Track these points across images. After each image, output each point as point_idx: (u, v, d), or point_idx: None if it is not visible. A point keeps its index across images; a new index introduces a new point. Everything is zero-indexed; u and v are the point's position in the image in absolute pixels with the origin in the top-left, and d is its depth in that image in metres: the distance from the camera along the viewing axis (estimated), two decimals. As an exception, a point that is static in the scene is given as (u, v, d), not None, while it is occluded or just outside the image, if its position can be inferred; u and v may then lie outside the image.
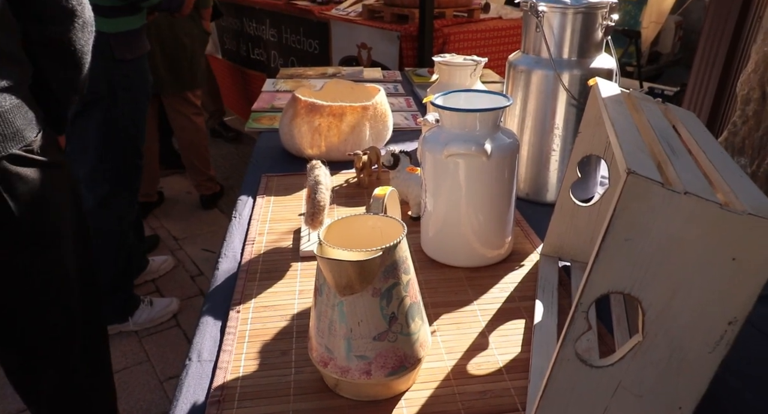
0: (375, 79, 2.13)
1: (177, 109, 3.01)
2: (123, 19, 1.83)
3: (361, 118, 1.35)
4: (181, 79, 2.88)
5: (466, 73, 1.33)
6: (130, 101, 1.91)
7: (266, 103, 1.84)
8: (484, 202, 0.90)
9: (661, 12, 3.51)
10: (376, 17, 2.87)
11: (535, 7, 1.03)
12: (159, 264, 2.69)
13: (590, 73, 1.04)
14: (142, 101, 1.97)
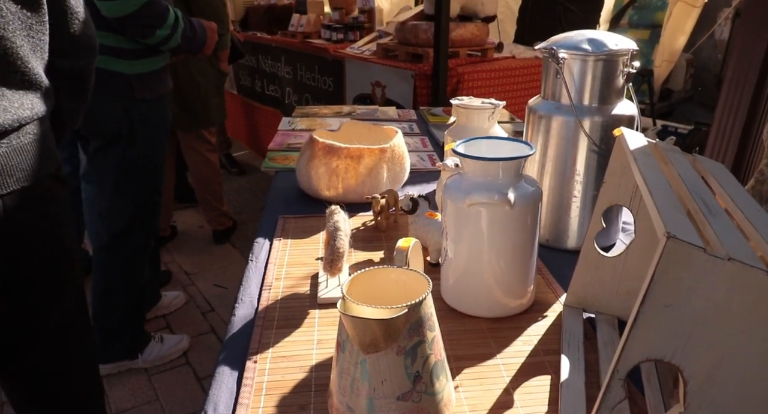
0: (390, 119, 2.14)
1: (191, 146, 3.04)
2: (144, 60, 1.85)
3: (379, 160, 1.35)
4: (194, 117, 2.91)
5: (484, 116, 1.33)
6: (149, 139, 1.92)
7: (282, 142, 1.85)
8: (507, 250, 0.88)
9: (673, 51, 3.53)
10: (390, 56, 2.91)
11: (555, 53, 1.03)
12: (171, 299, 2.67)
13: (611, 119, 1.03)
14: (162, 139, 1.99)
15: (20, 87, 1.01)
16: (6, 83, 0.99)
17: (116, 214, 1.99)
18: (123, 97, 1.83)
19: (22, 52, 1.00)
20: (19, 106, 1.00)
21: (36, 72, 1.04)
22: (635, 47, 1.03)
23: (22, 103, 1.01)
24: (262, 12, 4.14)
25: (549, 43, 1.07)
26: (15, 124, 1.00)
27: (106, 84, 1.78)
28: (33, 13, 1.02)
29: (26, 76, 1.02)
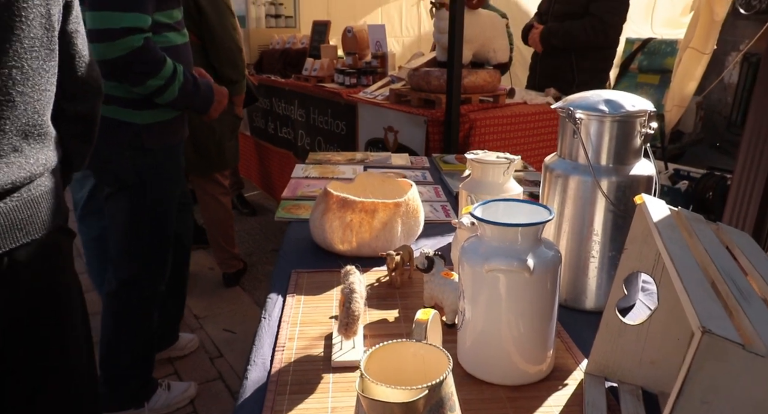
0: (403, 166, 2.15)
1: (204, 189, 3.06)
2: (154, 111, 1.85)
3: (393, 214, 1.34)
4: (208, 161, 2.93)
5: (499, 171, 1.32)
6: (159, 188, 1.93)
7: (295, 190, 1.85)
8: (526, 315, 0.87)
9: (684, 97, 3.55)
10: (402, 101, 2.93)
11: (572, 114, 1.03)
12: (186, 342, 2.66)
13: (629, 180, 1.03)
14: (173, 188, 1.99)
15: (37, 141, 1.03)
16: (26, 138, 1.00)
17: (126, 261, 1.99)
18: (132, 147, 1.83)
19: (39, 106, 1.02)
20: (34, 161, 1.01)
21: (49, 123, 1.06)
22: (652, 108, 1.02)
23: (37, 159, 1.02)
24: (277, 56, 4.22)
25: (565, 103, 1.07)
26: (27, 181, 1.01)
27: (115, 133, 1.80)
28: (49, 66, 1.04)
29: (42, 129, 1.04)
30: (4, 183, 0.95)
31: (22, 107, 0.98)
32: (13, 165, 0.97)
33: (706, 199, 3.26)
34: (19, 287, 1.03)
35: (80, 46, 1.15)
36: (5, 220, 0.97)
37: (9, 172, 0.96)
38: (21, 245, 1.01)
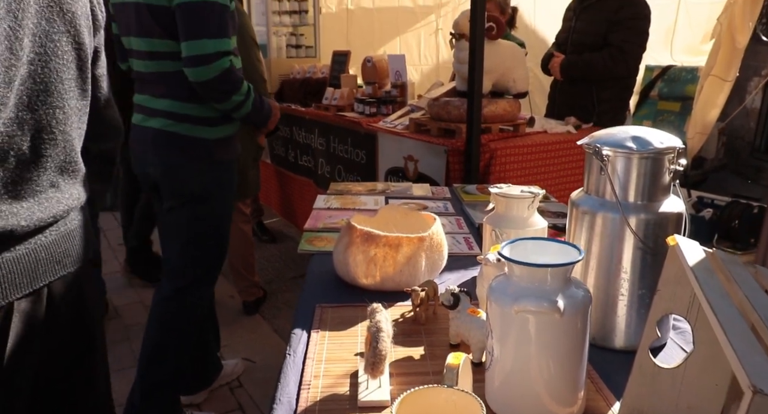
0: (424, 197, 2.15)
1: None
2: (222, 126, 2.07)
3: (417, 249, 1.33)
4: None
5: (524, 205, 1.32)
6: (221, 199, 2.12)
7: (318, 221, 1.85)
8: (556, 356, 0.85)
9: (706, 124, 3.52)
10: (422, 130, 2.95)
11: (599, 151, 1.02)
12: (232, 367, 2.67)
13: (659, 217, 1.01)
14: (231, 200, 2.18)
15: (71, 176, 1.06)
16: (62, 174, 1.03)
17: (188, 269, 2.12)
18: (205, 160, 2.04)
19: (75, 143, 1.06)
20: (69, 196, 1.05)
21: (80, 160, 1.10)
22: (681, 145, 1.02)
23: (71, 194, 1.05)
24: (297, 85, 4.28)
25: (592, 139, 1.06)
26: (64, 215, 1.04)
27: (191, 149, 2.02)
28: (82, 105, 1.08)
29: (76, 165, 1.07)
30: (47, 216, 0.99)
31: (62, 145, 1.02)
32: (51, 199, 1.00)
33: (732, 227, 3.21)
34: (56, 319, 1.06)
35: (105, 89, 1.21)
36: (47, 253, 1.00)
37: (49, 207, 0.99)
38: (58, 278, 1.04)
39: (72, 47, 1.00)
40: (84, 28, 1.02)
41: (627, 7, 3.16)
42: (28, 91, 0.93)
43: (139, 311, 3.37)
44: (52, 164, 1.00)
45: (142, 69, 2.00)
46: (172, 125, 1.98)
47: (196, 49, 1.84)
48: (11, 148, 0.92)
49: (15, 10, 0.88)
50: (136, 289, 3.67)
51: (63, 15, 0.97)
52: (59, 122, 0.99)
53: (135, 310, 3.41)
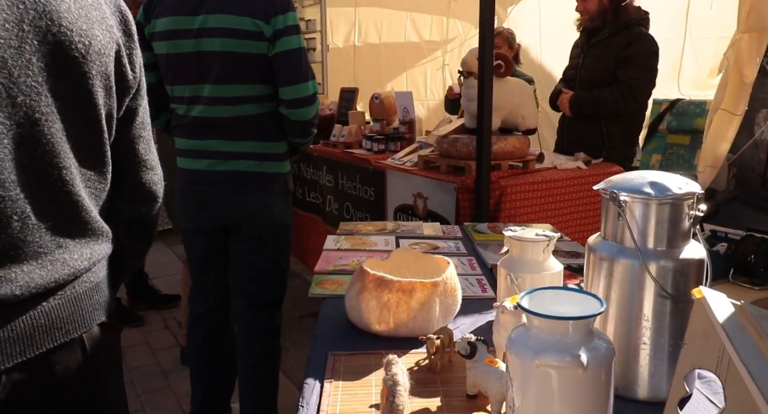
0: (435, 237, 2.13)
1: None
2: (288, 160, 2.23)
3: (431, 294, 1.31)
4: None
5: (539, 249, 1.30)
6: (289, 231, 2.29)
7: (328, 263, 1.84)
8: (579, 411, 0.82)
9: (717, 158, 3.50)
10: (431, 167, 2.94)
11: (616, 197, 1.01)
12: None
13: (680, 264, 0.99)
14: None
15: (83, 236, 1.01)
16: (72, 235, 0.98)
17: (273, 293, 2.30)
18: (284, 194, 2.21)
19: (87, 204, 1.01)
20: (79, 257, 0.99)
21: (97, 219, 1.04)
22: (700, 190, 1.00)
23: (81, 254, 1.00)
24: (305, 122, 4.31)
25: (608, 184, 1.05)
26: (71, 278, 0.98)
27: (275, 184, 2.16)
28: (97, 167, 1.03)
29: (89, 225, 1.02)
30: (48, 281, 0.92)
31: (70, 206, 0.97)
32: (57, 262, 0.94)
33: (748, 262, 3.16)
34: (55, 392, 0.97)
35: (141, 152, 1.15)
36: (47, 319, 0.93)
37: (53, 270, 0.93)
38: (59, 345, 0.96)
39: (81, 107, 0.95)
40: (99, 88, 0.97)
41: (635, 44, 3.18)
42: (28, 151, 0.88)
43: (145, 353, 3.33)
44: (59, 225, 0.95)
45: (217, 114, 2.03)
46: (257, 165, 2.09)
47: (300, 92, 2.01)
48: (14, 212, 0.87)
49: (11, 66, 0.83)
50: (143, 330, 3.64)
51: (72, 74, 0.92)
52: (66, 183, 0.95)
53: (141, 351, 3.37)
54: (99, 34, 0.95)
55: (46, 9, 0.86)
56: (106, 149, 1.04)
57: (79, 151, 0.98)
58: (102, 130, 1.01)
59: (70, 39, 0.90)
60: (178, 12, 1.96)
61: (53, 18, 0.87)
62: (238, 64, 1.96)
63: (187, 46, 1.97)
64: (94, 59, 0.94)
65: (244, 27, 1.91)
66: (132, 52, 1.07)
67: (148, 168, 1.19)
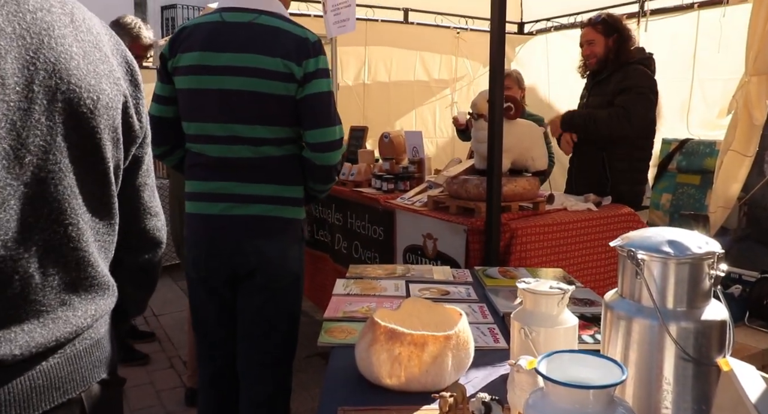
0: (445, 281, 2.10)
1: None
2: (303, 206, 2.13)
3: (444, 348, 1.28)
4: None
5: (553, 302, 1.27)
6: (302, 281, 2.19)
7: (338, 309, 1.81)
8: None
9: (728, 198, 3.48)
10: (441, 208, 2.93)
11: (634, 255, 0.99)
12: None
13: (701, 326, 0.97)
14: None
15: (89, 292, 0.98)
16: (77, 292, 0.96)
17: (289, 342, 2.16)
18: (300, 240, 2.13)
19: (94, 258, 0.99)
20: (82, 314, 0.96)
21: (104, 273, 1.02)
22: (720, 250, 0.98)
23: (86, 311, 0.97)
24: (315, 160, 4.33)
25: (625, 241, 1.03)
26: (72, 336, 0.95)
27: (292, 230, 2.07)
28: (105, 219, 1.02)
29: (96, 280, 1.00)
30: (49, 340, 0.89)
31: (76, 262, 0.95)
32: (59, 320, 0.92)
33: (764, 305, 3.11)
34: None
35: (146, 199, 1.14)
36: (45, 380, 0.89)
37: (55, 329, 0.91)
38: (57, 406, 0.92)
39: (89, 161, 0.94)
40: (107, 141, 0.96)
41: (631, 77, 3.21)
42: (34, 210, 0.86)
43: (149, 393, 3.28)
44: (63, 283, 0.93)
45: (236, 155, 1.96)
46: (274, 209, 2.00)
47: (327, 136, 1.96)
48: (16, 271, 0.85)
49: (20, 128, 0.82)
50: (147, 370, 3.60)
51: (81, 130, 0.91)
52: (72, 239, 0.93)
53: (144, 392, 3.32)
54: (107, 87, 0.95)
55: (56, 68, 0.86)
56: (114, 201, 1.03)
57: (87, 206, 0.96)
58: (110, 183, 1.00)
59: (79, 95, 0.89)
60: (205, 48, 1.92)
61: (63, 76, 0.87)
62: (264, 104, 1.92)
63: (211, 82, 1.92)
64: (102, 113, 0.94)
65: (274, 68, 1.88)
66: (138, 102, 1.06)
67: (152, 215, 1.18)
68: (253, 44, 1.89)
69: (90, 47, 0.93)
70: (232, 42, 1.90)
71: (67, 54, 0.88)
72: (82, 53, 0.91)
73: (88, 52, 0.93)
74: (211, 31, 1.92)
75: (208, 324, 2.16)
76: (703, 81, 4.36)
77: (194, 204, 2.05)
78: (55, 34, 0.87)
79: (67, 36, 0.89)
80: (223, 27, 1.92)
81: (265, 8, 1.93)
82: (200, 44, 1.92)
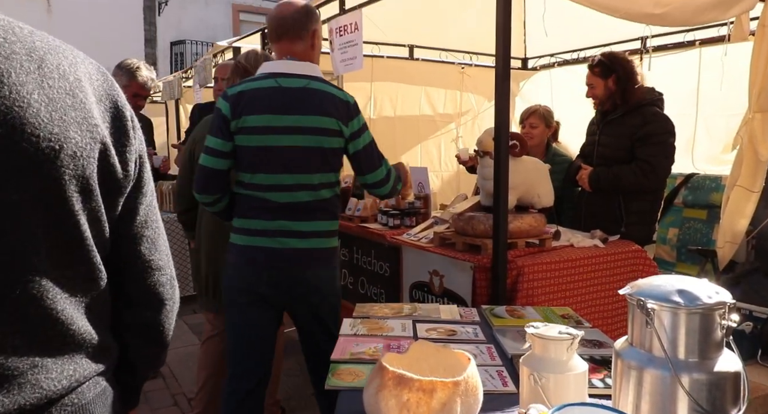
0: (452, 321, 2.09)
1: None
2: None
3: (453, 394, 1.27)
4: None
5: (563, 347, 1.26)
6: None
7: (345, 350, 1.80)
8: None
9: (736, 233, 3.46)
10: (447, 244, 2.93)
11: (643, 304, 0.99)
12: None
13: (714, 377, 0.96)
14: None
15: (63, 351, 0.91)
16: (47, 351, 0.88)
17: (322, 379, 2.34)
18: (337, 267, 2.44)
19: (69, 315, 0.91)
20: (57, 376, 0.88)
21: (83, 331, 0.94)
22: (732, 300, 0.97)
23: (61, 372, 0.89)
24: (321, 194, 4.35)
25: (634, 290, 1.03)
26: (43, 402, 0.86)
27: (334, 257, 2.40)
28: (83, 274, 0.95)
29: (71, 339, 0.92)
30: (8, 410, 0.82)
31: (43, 322, 0.88)
32: (25, 385, 0.84)
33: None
34: None
35: (144, 252, 1.08)
36: None
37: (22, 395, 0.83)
38: None
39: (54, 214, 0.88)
40: (74, 192, 0.89)
41: (651, 123, 3.22)
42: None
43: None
44: (31, 344, 0.86)
45: (298, 200, 2.27)
46: (326, 241, 2.34)
47: (377, 177, 2.44)
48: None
49: None
50: (151, 407, 3.56)
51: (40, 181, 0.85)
52: (33, 297, 0.86)
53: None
54: (75, 135, 0.88)
55: (8, 117, 0.81)
56: (92, 254, 0.95)
57: (54, 261, 0.89)
58: (83, 236, 0.92)
59: (36, 145, 0.83)
60: (269, 111, 2.22)
61: (15, 125, 0.81)
62: (322, 156, 2.27)
63: (277, 140, 2.23)
64: (67, 163, 0.87)
65: (329, 126, 2.25)
66: (126, 149, 0.98)
67: (153, 268, 1.10)
68: (312, 107, 2.23)
69: (59, 94, 0.87)
70: (293, 106, 2.23)
71: (23, 101, 0.82)
72: (46, 100, 0.85)
73: (55, 99, 0.86)
74: (272, 95, 2.23)
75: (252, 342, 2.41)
76: (707, 117, 4.39)
77: (253, 238, 2.31)
78: (10, 81, 0.82)
79: (27, 83, 0.84)
80: (282, 92, 2.23)
81: (312, 74, 2.28)
82: (264, 108, 2.22)
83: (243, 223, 2.33)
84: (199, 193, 2.33)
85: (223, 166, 2.29)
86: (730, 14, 2.43)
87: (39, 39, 0.89)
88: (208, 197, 2.32)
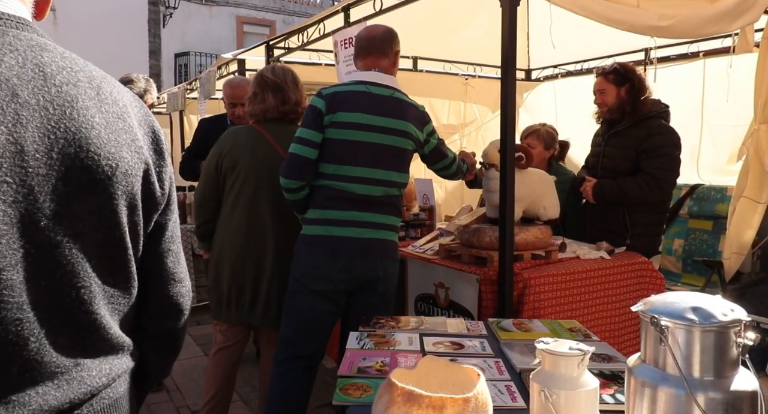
0: (459, 334, 2.08)
1: (274, 342, 2.98)
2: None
3: (462, 410, 1.25)
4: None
5: (573, 363, 1.25)
6: None
7: (352, 365, 1.79)
8: None
9: (742, 244, 3.45)
10: (453, 256, 2.92)
11: (657, 322, 0.98)
12: None
13: (730, 396, 0.94)
14: None
15: (101, 353, 1.00)
16: (88, 352, 0.97)
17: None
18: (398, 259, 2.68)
19: (106, 321, 1.00)
20: (97, 373, 0.98)
21: (117, 335, 1.03)
22: (747, 318, 0.96)
23: (100, 370, 0.99)
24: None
25: (647, 307, 1.02)
26: (88, 396, 0.96)
27: (397, 250, 2.63)
28: (121, 283, 1.03)
29: (108, 342, 1.01)
30: (62, 403, 0.90)
31: (88, 325, 0.97)
32: (74, 381, 0.93)
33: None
34: None
35: (170, 265, 1.16)
36: None
37: (69, 390, 0.92)
38: None
39: (105, 226, 0.97)
40: (123, 207, 0.99)
41: (656, 135, 3.20)
42: (47, 274, 0.89)
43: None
44: (77, 344, 0.95)
45: (373, 193, 2.51)
46: (391, 235, 2.59)
47: (447, 161, 2.80)
48: (32, 333, 0.87)
49: (37, 193, 0.86)
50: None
51: (97, 196, 0.94)
52: (84, 302, 0.95)
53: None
54: (127, 155, 0.98)
55: (76, 137, 0.90)
56: (130, 265, 1.05)
57: (101, 269, 0.98)
58: (126, 247, 1.02)
59: (98, 163, 0.93)
60: (362, 110, 2.49)
61: (82, 145, 0.91)
62: (400, 156, 2.57)
63: (366, 137, 2.48)
64: (120, 180, 0.97)
65: (410, 130, 2.55)
66: (162, 170, 1.09)
67: (176, 281, 1.19)
68: (398, 113, 2.53)
69: (113, 118, 0.98)
70: (383, 109, 2.51)
71: (88, 124, 0.92)
72: (105, 123, 0.95)
73: (111, 122, 0.97)
74: (363, 98, 2.51)
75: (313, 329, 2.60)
76: (712, 127, 4.38)
77: (329, 228, 2.50)
78: (78, 105, 0.91)
79: (91, 107, 0.93)
80: (371, 96, 2.52)
81: (395, 86, 2.59)
82: (356, 107, 2.48)
83: (320, 213, 2.52)
84: (288, 179, 2.48)
85: (313, 156, 2.48)
86: (735, 26, 2.43)
87: (93, 68, 0.99)
88: (296, 183, 2.48)
